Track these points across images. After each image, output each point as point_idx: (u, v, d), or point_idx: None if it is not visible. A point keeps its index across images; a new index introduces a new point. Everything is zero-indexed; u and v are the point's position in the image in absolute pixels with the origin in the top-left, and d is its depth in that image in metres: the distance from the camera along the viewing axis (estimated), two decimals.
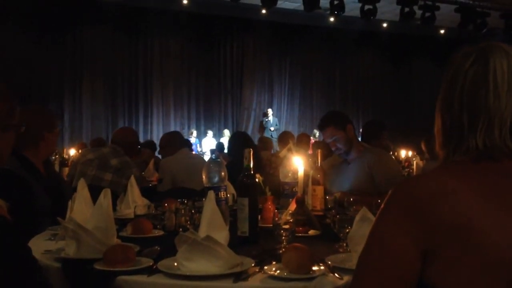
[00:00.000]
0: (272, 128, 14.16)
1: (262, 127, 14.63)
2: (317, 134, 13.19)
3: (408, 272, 0.97)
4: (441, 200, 0.96)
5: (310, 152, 5.45)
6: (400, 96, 16.24)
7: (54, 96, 12.51)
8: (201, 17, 13.40)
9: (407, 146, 7.45)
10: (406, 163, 6.43)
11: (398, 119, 14.75)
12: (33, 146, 2.72)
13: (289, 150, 3.95)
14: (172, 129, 13.44)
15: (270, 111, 14.72)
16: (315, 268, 1.51)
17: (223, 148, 9.79)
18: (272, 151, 7.27)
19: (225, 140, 12.94)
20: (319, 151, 2.84)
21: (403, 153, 7.22)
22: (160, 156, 8.08)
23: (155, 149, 7.47)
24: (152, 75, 13.85)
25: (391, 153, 6.17)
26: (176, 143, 4.73)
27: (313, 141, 8.72)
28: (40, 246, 1.88)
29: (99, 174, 3.86)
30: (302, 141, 6.17)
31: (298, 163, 2.32)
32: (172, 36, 13.96)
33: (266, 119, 14.50)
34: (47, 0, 11.71)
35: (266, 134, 13.47)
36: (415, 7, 11.22)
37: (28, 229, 2.28)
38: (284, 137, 6.51)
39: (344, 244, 1.83)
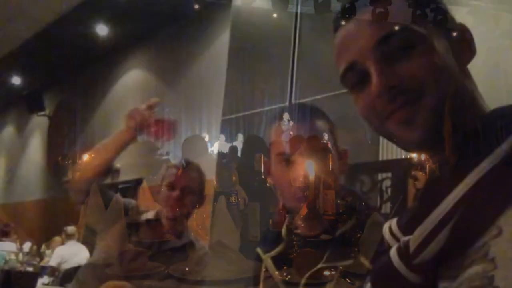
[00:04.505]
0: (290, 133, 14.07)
1: None
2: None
3: None
4: None
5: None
6: None
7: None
8: None
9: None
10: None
11: None
12: None
13: (300, 154, 3.93)
14: (183, 133, 13.44)
15: (286, 115, 14.63)
16: (326, 273, 1.50)
17: (237, 152, 9.77)
18: None
19: (238, 144, 12.89)
20: (330, 154, 2.82)
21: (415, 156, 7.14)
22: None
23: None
24: None
25: None
26: (200, 148, 4.60)
27: None
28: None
29: None
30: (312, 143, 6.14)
31: (309, 167, 2.31)
32: None
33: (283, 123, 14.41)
34: None
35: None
36: (427, 10, 11.16)
37: None
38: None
39: (356, 249, 1.81)
